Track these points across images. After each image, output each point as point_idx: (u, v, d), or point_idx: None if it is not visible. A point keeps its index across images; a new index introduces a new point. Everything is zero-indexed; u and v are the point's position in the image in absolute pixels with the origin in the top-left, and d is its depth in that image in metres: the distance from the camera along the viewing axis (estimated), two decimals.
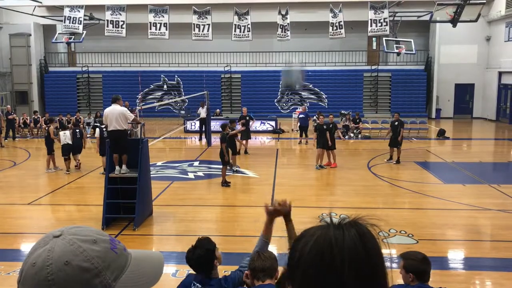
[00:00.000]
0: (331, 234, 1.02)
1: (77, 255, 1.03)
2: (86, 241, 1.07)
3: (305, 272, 1.02)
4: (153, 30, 22.87)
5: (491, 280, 7.23)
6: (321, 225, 1.08)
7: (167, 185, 12.86)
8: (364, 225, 1.05)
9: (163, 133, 23.11)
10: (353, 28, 26.78)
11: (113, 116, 9.76)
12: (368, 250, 1.01)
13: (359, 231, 1.03)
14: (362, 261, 0.99)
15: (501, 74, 28.19)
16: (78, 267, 1.02)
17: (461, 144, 21.64)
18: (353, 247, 1.00)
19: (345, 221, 1.06)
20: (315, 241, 1.02)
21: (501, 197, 11.61)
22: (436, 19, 23.65)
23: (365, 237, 1.02)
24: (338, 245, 0.99)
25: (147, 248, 8.71)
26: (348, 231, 1.02)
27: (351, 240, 1.00)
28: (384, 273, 1.04)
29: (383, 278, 1.04)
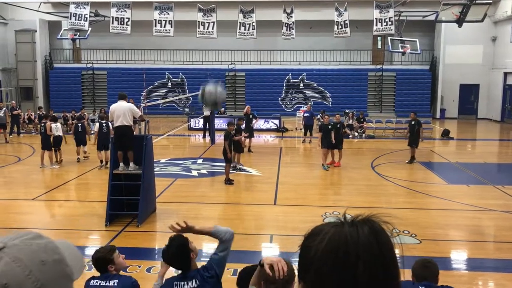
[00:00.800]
0: (346, 231, 1.02)
1: (46, 251, 0.99)
2: (35, 237, 1.02)
3: (319, 270, 1.02)
4: (158, 28, 22.89)
5: (494, 281, 7.21)
6: (335, 222, 1.08)
7: (170, 182, 12.88)
8: (377, 223, 1.06)
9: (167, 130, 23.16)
10: (358, 27, 26.69)
11: (121, 112, 9.78)
12: (382, 247, 1.02)
13: (373, 228, 1.04)
14: (376, 258, 1.00)
15: (507, 75, 28.08)
16: (53, 261, 0.99)
17: (465, 144, 21.57)
18: (368, 244, 1.00)
19: (358, 219, 1.07)
20: (329, 238, 1.03)
21: (505, 198, 11.57)
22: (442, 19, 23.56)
23: (379, 234, 1.03)
24: (353, 242, 1.00)
25: (151, 245, 8.74)
26: (361, 228, 1.03)
27: (365, 237, 1.01)
28: (397, 271, 1.05)
29: (396, 276, 1.04)
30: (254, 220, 9.98)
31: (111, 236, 8.73)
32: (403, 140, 21.20)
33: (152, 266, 7.39)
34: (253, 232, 9.26)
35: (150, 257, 7.99)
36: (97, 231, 9.13)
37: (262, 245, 8.53)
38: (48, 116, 16.16)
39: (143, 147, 9.57)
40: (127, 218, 9.61)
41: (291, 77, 30.12)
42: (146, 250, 8.31)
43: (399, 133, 22.74)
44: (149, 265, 7.40)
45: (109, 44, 30.52)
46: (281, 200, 11.29)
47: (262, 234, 9.17)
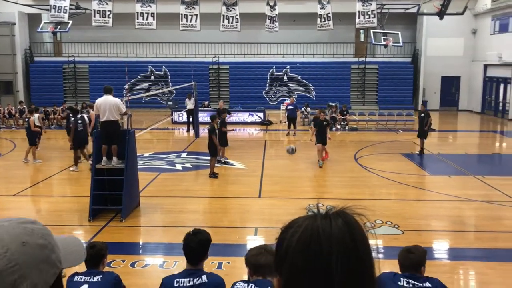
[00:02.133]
0: (318, 224, 1.02)
1: (30, 235, 1.01)
2: (26, 222, 1.04)
3: (293, 263, 1.02)
4: (140, 20, 22.64)
5: (475, 270, 7.35)
6: (308, 215, 1.08)
7: (154, 176, 12.81)
8: (351, 215, 1.06)
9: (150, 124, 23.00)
10: (341, 20, 26.76)
11: (107, 107, 9.67)
12: (355, 239, 1.01)
13: (346, 221, 1.03)
14: (349, 250, 1.00)
15: (487, 67, 28.47)
16: (36, 245, 1.00)
17: (446, 136, 21.86)
18: (340, 237, 1.00)
19: (332, 211, 1.06)
20: (302, 232, 1.02)
21: (486, 188, 11.77)
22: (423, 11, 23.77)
23: (352, 227, 1.02)
24: (325, 235, 1.00)
25: (135, 239, 8.71)
26: (335, 220, 1.02)
27: (338, 230, 1.01)
28: (371, 262, 1.05)
29: (371, 267, 1.04)
30: (239, 213, 10.00)
31: (94, 231, 8.67)
32: (386, 132, 21.43)
33: (136, 261, 7.37)
34: (238, 225, 9.29)
35: (134, 252, 7.96)
36: (81, 226, 9.07)
37: (247, 238, 8.56)
38: (32, 111, 15.72)
39: (125, 141, 9.49)
40: (110, 213, 9.55)
41: (275, 70, 30.11)
42: (130, 245, 8.27)
43: (381, 125, 22.94)
44: (133, 260, 7.38)
45: (90, 37, 30.09)
46: (266, 192, 11.33)
47: (247, 227, 9.20)
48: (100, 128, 9.88)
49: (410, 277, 3.46)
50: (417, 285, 3.41)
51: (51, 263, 1.02)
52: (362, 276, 1.01)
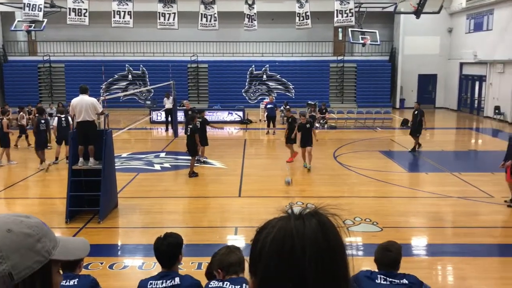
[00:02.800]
0: (292, 225, 1.02)
1: (18, 224, 1.13)
2: (19, 216, 1.18)
3: (267, 263, 1.01)
4: (117, 19, 22.37)
5: (452, 265, 7.46)
6: (282, 216, 1.07)
7: (132, 176, 12.66)
8: (324, 215, 1.05)
9: (128, 124, 22.75)
10: (319, 19, 26.89)
11: (83, 107, 9.49)
12: (329, 239, 1.01)
13: (320, 221, 1.03)
14: (322, 250, 0.99)
15: (462, 65, 28.96)
16: (21, 233, 1.12)
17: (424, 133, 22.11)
18: (314, 237, 0.99)
19: (306, 212, 1.05)
20: (276, 233, 1.02)
21: (462, 185, 11.97)
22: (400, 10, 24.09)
23: (325, 227, 1.02)
24: (299, 236, 0.99)
25: (113, 241, 8.58)
26: (308, 221, 1.02)
27: (311, 230, 1.00)
28: (345, 262, 1.04)
29: (344, 267, 1.04)
30: (219, 212, 9.95)
31: (72, 233, 8.51)
32: (364, 130, 21.62)
33: (115, 263, 7.27)
34: (218, 224, 9.25)
35: (113, 254, 7.85)
36: (58, 229, 8.88)
37: (227, 238, 8.52)
38: (4, 113, 15.40)
39: (103, 142, 9.35)
40: (88, 214, 9.40)
41: (254, 69, 30.10)
42: (108, 247, 8.15)
43: (360, 123, 23.14)
44: (112, 262, 7.27)
45: (66, 36, 29.58)
46: (246, 192, 11.30)
47: (227, 227, 9.17)
48: (76, 129, 9.70)
49: (388, 275, 3.47)
50: (395, 282, 3.43)
51: (35, 251, 1.12)
52: (335, 276, 1.01)
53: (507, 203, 10.03)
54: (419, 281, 3.53)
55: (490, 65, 25.35)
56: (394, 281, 3.43)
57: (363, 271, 3.55)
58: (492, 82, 25.38)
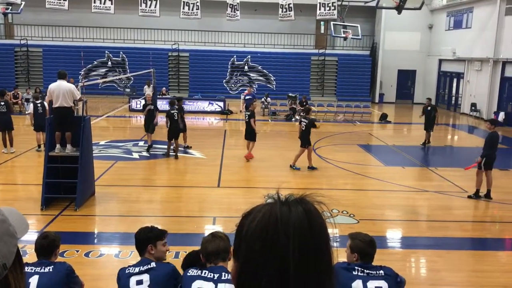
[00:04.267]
0: (277, 210, 1.02)
1: None
2: None
3: (249, 248, 1.02)
4: (97, 4, 21.98)
5: (426, 257, 7.61)
6: (269, 202, 1.07)
7: (110, 164, 12.54)
8: (310, 203, 1.06)
9: (106, 111, 22.46)
10: (302, 11, 26.89)
11: (60, 93, 9.33)
12: (313, 227, 1.02)
13: (305, 208, 1.03)
14: (306, 238, 1.00)
15: (441, 62, 29.38)
16: None
17: (402, 128, 22.48)
18: (298, 224, 1.00)
19: (292, 198, 1.06)
20: (261, 217, 1.02)
21: (438, 179, 12.19)
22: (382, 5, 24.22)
23: (311, 214, 1.03)
24: (283, 221, 1.00)
25: (89, 229, 8.50)
26: (294, 207, 1.03)
27: (296, 217, 1.01)
28: (328, 251, 1.05)
29: (328, 256, 1.05)
30: (197, 202, 9.94)
31: (47, 220, 8.41)
32: (344, 123, 21.79)
33: (91, 251, 7.21)
34: (196, 214, 9.24)
35: (89, 242, 7.78)
36: (33, 216, 8.76)
37: (205, 227, 8.52)
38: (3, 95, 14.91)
39: (80, 129, 9.23)
40: (64, 201, 9.28)
41: (236, 59, 29.98)
42: (84, 235, 8.08)
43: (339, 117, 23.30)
44: (88, 250, 7.21)
45: (45, 20, 28.94)
46: (225, 182, 11.31)
47: (205, 217, 9.17)
48: (54, 115, 9.54)
49: (364, 266, 3.52)
50: (372, 273, 3.48)
51: (11, 234, 1.10)
52: (317, 263, 1.02)
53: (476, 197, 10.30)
54: (395, 273, 3.59)
55: (468, 62, 25.77)
56: (371, 273, 3.48)
57: (340, 263, 3.58)
58: (469, 79, 25.83)
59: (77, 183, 9.01)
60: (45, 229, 7.81)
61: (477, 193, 10.33)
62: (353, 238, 3.71)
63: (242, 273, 1.03)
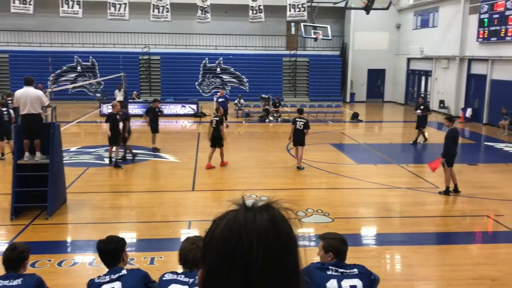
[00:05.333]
0: (241, 217, 1.02)
1: None
2: None
3: (214, 253, 1.01)
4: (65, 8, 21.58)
5: (400, 253, 7.75)
6: (235, 208, 1.07)
7: (82, 171, 12.33)
8: (276, 209, 1.05)
9: (77, 117, 22.07)
10: (272, 13, 27.01)
11: (27, 99, 9.11)
12: (279, 234, 1.01)
13: (271, 215, 1.02)
14: (270, 244, 0.99)
15: (410, 60, 29.95)
16: None
17: (373, 126, 22.80)
18: (263, 231, 0.99)
19: (258, 205, 1.06)
20: (225, 224, 1.02)
21: (409, 176, 12.42)
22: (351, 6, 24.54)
23: (276, 221, 1.02)
24: (247, 228, 0.99)
25: (62, 237, 8.33)
26: (259, 214, 1.02)
27: (262, 224, 1.00)
28: (295, 257, 1.04)
29: (294, 262, 1.04)
30: (172, 207, 9.86)
31: (17, 230, 8.21)
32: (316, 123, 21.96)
33: (64, 260, 7.07)
34: (171, 219, 9.17)
35: (61, 251, 7.63)
36: (2, 226, 8.55)
37: (180, 232, 8.47)
38: None
39: (50, 135, 9.04)
40: (35, 210, 9.08)
41: (208, 62, 29.90)
42: (56, 243, 7.91)
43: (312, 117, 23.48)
44: (61, 259, 7.07)
45: (10, 25, 28.25)
46: (200, 185, 11.26)
47: (181, 221, 9.10)
48: (21, 122, 9.32)
49: (338, 265, 3.56)
50: (346, 272, 3.52)
51: None
52: (283, 270, 1.01)
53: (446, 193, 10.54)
54: (369, 271, 3.64)
55: (436, 60, 26.35)
56: (345, 272, 3.52)
57: (314, 263, 3.62)
58: (437, 77, 26.41)
59: (48, 191, 8.82)
60: (15, 239, 7.64)
61: (447, 190, 10.56)
62: (324, 238, 3.76)
63: (207, 278, 1.03)
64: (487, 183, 11.85)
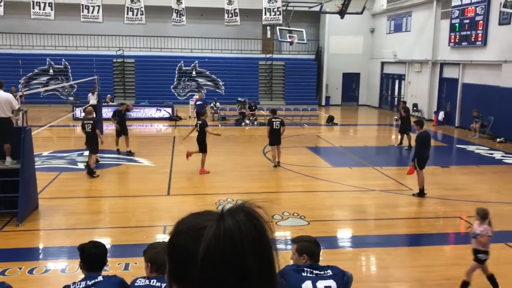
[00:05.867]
0: (221, 226, 1.00)
1: None
2: None
3: (208, 272, 0.98)
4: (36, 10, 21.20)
5: (375, 255, 7.82)
6: (210, 218, 1.04)
7: (54, 176, 12.08)
8: (251, 209, 1.04)
9: (49, 120, 21.64)
10: (248, 16, 27.10)
11: None
12: (261, 235, 1.01)
13: (250, 217, 1.02)
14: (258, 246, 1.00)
15: (383, 64, 30.40)
16: None
17: (348, 129, 23.04)
18: (251, 236, 0.99)
19: (231, 208, 1.04)
20: (214, 237, 0.98)
21: (383, 178, 12.58)
22: (326, 10, 24.82)
23: (257, 221, 1.02)
24: (238, 236, 0.98)
25: (33, 244, 8.13)
26: (244, 223, 1.00)
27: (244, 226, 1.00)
28: (273, 259, 1.05)
29: (274, 265, 1.05)
30: (147, 212, 9.74)
31: None
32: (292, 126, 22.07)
33: (35, 267, 6.90)
34: (147, 224, 9.05)
35: (33, 258, 7.44)
36: None
37: (156, 237, 8.36)
38: None
39: (21, 140, 8.83)
40: (5, 217, 8.84)
41: (183, 65, 29.74)
42: (27, 251, 7.71)
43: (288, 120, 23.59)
44: (32, 266, 6.90)
45: None
46: (175, 190, 11.16)
47: (156, 226, 9.00)
48: None
49: (313, 267, 3.59)
50: (320, 273, 3.56)
51: None
52: (266, 273, 1.01)
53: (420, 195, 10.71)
54: (342, 271, 3.71)
55: (409, 64, 26.82)
56: (320, 273, 3.56)
57: (289, 265, 3.64)
58: (410, 80, 26.87)
59: (19, 196, 8.60)
60: None
61: (421, 192, 10.71)
62: (298, 241, 3.83)
63: None
64: (459, 184, 12.09)
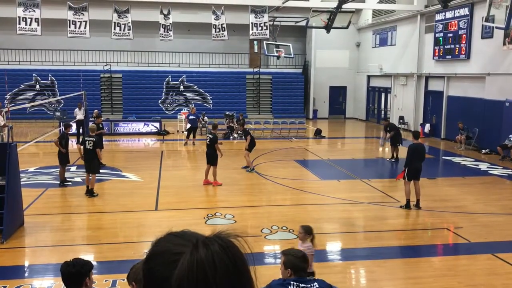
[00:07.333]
0: (195, 257, 0.99)
1: None
2: None
3: None
4: (23, 25, 21.07)
5: (364, 268, 7.82)
6: (186, 243, 1.04)
7: (40, 192, 11.93)
8: (227, 238, 1.03)
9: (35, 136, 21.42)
10: (235, 31, 27.29)
11: None
12: (235, 263, 1.00)
13: (223, 246, 1.01)
14: (230, 274, 0.99)
15: (370, 78, 30.72)
16: None
17: (335, 142, 23.15)
18: (222, 264, 0.98)
19: (208, 239, 1.03)
20: (187, 268, 0.98)
21: (371, 191, 12.63)
22: (312, 25, 25.08)
23: (229, 250, 1.01)
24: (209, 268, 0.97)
25: (18, 262, 8.00)
26: (217, 254, 0.99)
27: (217, 257, 0.99)
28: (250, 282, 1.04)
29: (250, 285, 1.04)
30: (134, 227, 9.65)
31: None
32: (280, 140, 22.14)
33: (21, 285, 6.78)
34: (134, 240, 8.96)
35: (18, 276, 7.31)
36: None
37: (144, 253, 8.27)
38: None
39: (6, 156, 8.73)
40: None
41: (171, 79, 29.75)
42: (13, 269, 7.58)
43: (276, 133, 23.66)
44: (17, 284, 6.78)
45: None
46: (163, 204, 11.08)
47: (144, 242, 8.90)
48: None
49: (300, 281, 3.60)
50: (306, 287, 3.56)
51: None
52: None
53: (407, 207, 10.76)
54: (328, 284, 3.71)
55: (394, 77, 27.14)
56: (306, 287, 3.57)
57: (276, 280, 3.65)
58: (396, 93, 27.16)
59: (4, 213, 8.48)
60: None
61: (407, 203, 10.78)
62: (286, 254, 3.86)
63: None
64: (446, 196, 12.18)
